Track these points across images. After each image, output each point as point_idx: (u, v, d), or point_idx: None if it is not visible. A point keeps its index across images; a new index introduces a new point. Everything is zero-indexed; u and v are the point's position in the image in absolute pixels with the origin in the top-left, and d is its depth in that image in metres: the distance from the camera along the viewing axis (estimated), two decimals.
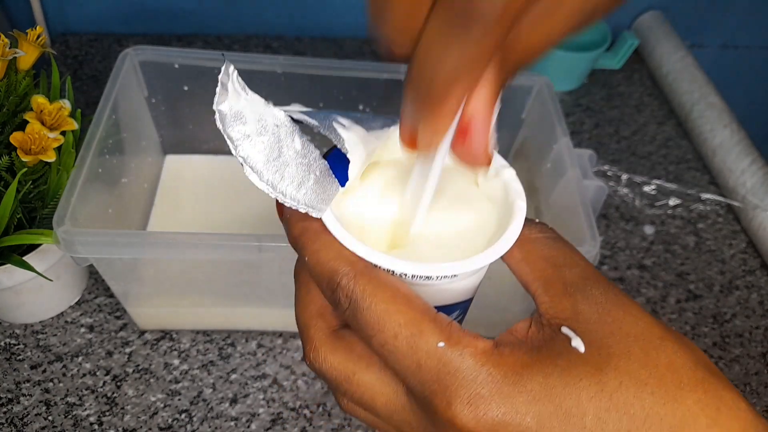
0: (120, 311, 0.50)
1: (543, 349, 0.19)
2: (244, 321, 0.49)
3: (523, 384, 0.18)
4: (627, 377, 0.18)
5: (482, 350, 0.18)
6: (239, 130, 0.19)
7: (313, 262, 0.20)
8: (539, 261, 0.21)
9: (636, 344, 0.19)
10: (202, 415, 0.45)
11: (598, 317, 0.19)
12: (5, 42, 0.43)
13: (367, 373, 0.20)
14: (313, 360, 0.21)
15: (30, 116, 0.41)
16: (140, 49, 0.50)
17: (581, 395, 0.18)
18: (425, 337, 0.18)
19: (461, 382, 0.18)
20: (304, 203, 0.19)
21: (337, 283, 0.19)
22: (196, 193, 0.57)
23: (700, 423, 0.18)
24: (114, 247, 0.39)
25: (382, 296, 0.19)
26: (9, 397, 0.45)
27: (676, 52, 0.78)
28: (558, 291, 0.20)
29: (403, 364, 0.19)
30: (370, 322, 0.19)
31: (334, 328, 0.21)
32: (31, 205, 0.44)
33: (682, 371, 0.19)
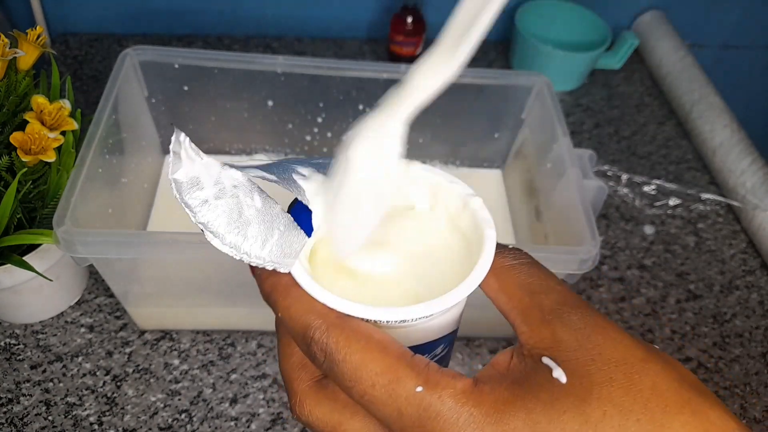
0: (120, 311, 0.50)
1: (524, 382, 0.19)
2: (244, 321, 0.49)
3: (506, 422, 0.18)
4: (611, 406, 0.18)
5: (461, 390, 0.18)
6: (196, 196, 0.19)
7: (286, 318, 0.20)
8: (516, 290, 0.21)
9: (618, 369, 0.19)
10: (202, 415, 0.45)
11: (578, 344, 0.19)
12: (5, 42, 0.43)
13: (352, 421, 0.20)
14: (299, 413, 0.21)
15: (30, 116, 0.41)
16: (140, 49, 0.50)
17: (566, 429, 0.18)
18: (403, 384, 0.18)
19: (443, 425, 0.18)
20: (270, 260, 0.19)
21: (311, 337, 0.19)
22: None
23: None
24: (114, 247, 0.39)
25: (356, 346, 0.19)
26: (9, 397, 0.45)
27: (676, 52, 0.78)
28: (536, 319, 0.20)
29: (384, 413, 0.19)
30: (347, 374, 0.19)
31: (317, 378, 0.21)
32: (31, 205, 0.44)
33: (667, 394, 0.19)
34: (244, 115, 0.57)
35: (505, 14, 0.81)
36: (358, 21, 0.80)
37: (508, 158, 0.61)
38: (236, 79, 0.53)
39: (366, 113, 0.20)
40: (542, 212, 0.52)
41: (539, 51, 0.73)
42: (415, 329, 0.21)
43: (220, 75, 0.52)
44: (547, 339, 0.20)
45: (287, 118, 0.57)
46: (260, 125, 0.58)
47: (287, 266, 0.20)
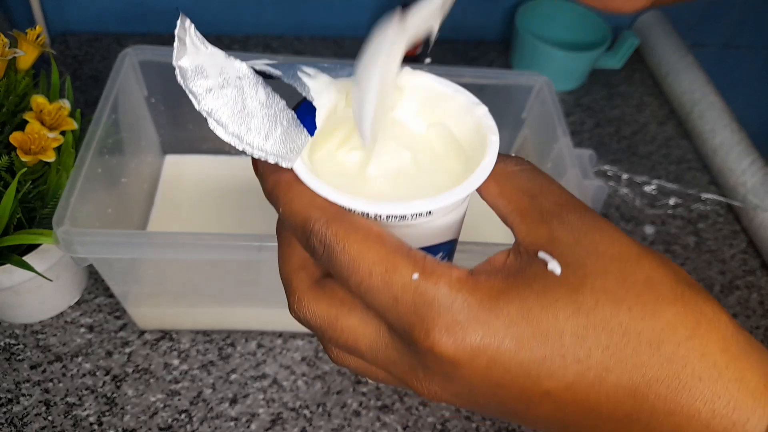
0: (120, 311, 0.50)
1: (519, 274, 0.19)
2: (243, 321, 0.49)
3: (499, 308, 0.18)
4: (603, 295, 0.18)
5: (457, 278, 0.18)
6: (201, 84, 0.19)
7: (286, 212, 0.20)
8: (516, 193, 0.21)
9: (613, 263, 0.19)
10: (202, 416, 0.45)
11: (574, 241, 0.19)
12: (5, 42, 0.43)
13: (349, 317, 0.20)
14: (297, 310, 0.21)
15: (29, 116, 0.41)
16: (140, 48, 0.50)
17: (558, 315, 0.18)
18: (399, 272, 0.18)
19: (438, 311, 0.18)
20: (272, 153, 0.20)
21: (311, 229, 0.19)
22: (195, 193, 0.57)
23: (679, 335, 0.18)
24: (114, 247, 0.38)
25: (355, 237, 0.19)
26: (9, 397, 0.45)
27: (676, 51, 0.78)
28: (535, 219, 0.20)
29: (380, 301, 0.19)
30: (344, 264, 0.19)
31: (317, 278, 0.21)
32: (30, 205, 0.44)
33: (660, 286, 0.19)
34: None
35: (505, 14, 0.81)
36: (358, 20, 0.80)
37: None
38: None
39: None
40: None
41: (539, 51, 0.73)
42: (414, 230, 0.21)
43: None
44: (544, 236, 0.20)
45: None
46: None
47: (290, 161, 0.20)
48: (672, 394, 0.18)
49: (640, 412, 0.18)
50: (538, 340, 0.18)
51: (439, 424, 0.46)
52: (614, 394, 0.18)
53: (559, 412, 0.19)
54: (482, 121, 0.22)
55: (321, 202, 0.20)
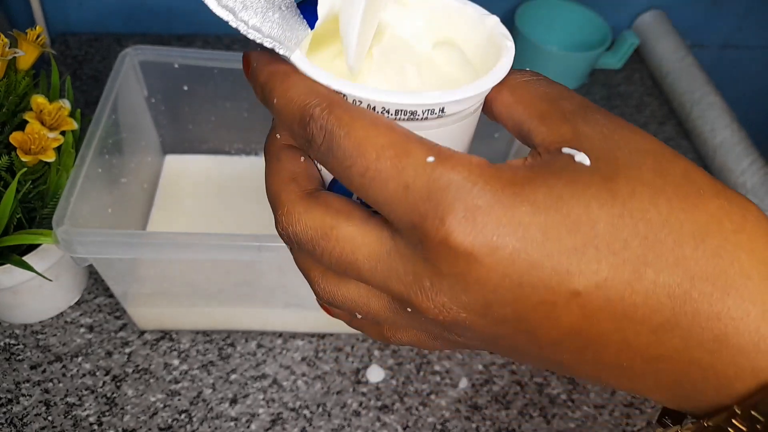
0: (120, 311, 0.50)
1: (544, 166, 0.17)
2: (243, 321, 0.49)
3: (525, 195, 0.16)
4: (640, 185, 0.16)
5: (478, 165, 0.16)
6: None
7: (282, 102, 0.18)
8: (533, 99, 0.19)
9: (647, 156, 0.17)
10: (202, 416, 0.45)
11: (602, 136, 0.17)
12: (5, 42, 0.43)
13: (347, 225, 0.18)
14: (286, 224, 0.19)
15: (30, 116, 0.41)
16: (140, 48, 0.50)
17: (591, 203, 0.16)
18: (412, 155, 0.16)
19: (455, 195, 0.16)
20: (269, 36, 0.18)
21: (310, 115, 0.17)
22: (195, 193, 0.57)
23: (725, 228, 0.16)
24: (114, 247, 0.38)
25: (362, 122, 0.17)
26: (8, 397, 0.45)
27: (676, 51, 0.78)
28: (556, 119, 0.18)
29: (388, 190, 0.16)
30: (348, 149, 0.16)
31: (309, 191, 0.19)
32: (30, 205, 0.44)
33: (700, 181, 0.17)
34: (244, 114, 0.56)
35: (505, 14, 0.81)
36: None
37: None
38: (236, 79, 0.53)
39: None
40: None
41: (539, 51, 0.73)
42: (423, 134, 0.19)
43: (220, 75, 0.52)
44: (568, 133, 0.17)
45: None
46: (260, 125, 0.58)
47: (288, 49, 0.18)
48: (718, 293, 0.16)
49: (680, 316, 0.16)
50: (569, 229, 0.16)
51: (439, 424, 0.46)
52: (653, 293, 0.16)
53: (587, 320, 0.16)
54: (494, 30, 0.20)
55: (322, 89, 0.17)
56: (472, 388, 0.49)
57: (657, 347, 0.16)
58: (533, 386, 0.49)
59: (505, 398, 0.48)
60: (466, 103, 0.18)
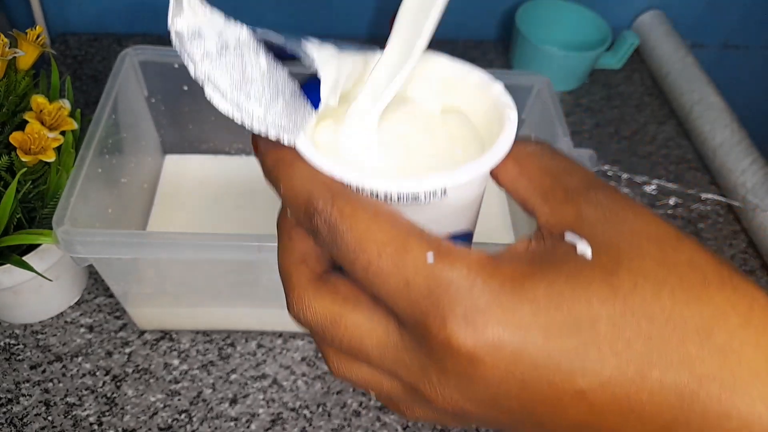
0: (120, 311, 0.50)
1: (545, 258, 0.17)
2: (243, 321, 0.49)
3: (525, 293, 0.16)
4: (642, 278, 0.16)
5: (477, 261, 0.16)
6: (198, 47, 0.18)
7: (287, 192, 0.18)
8: (537, 173, 0.19)
9: (650, 243, 0.17)
10: (202, 416, 0.45)
11: (605, 220, 0.17)
12: (5, 42, 0.43)
13: (354, 313, 0.18)
14: (297, 308, 0.19)
15: (30, 116, 0.41)
16: (140, 48, 0.50)
17: (592, 300, 0.16)
18: (411, 252, 0.16)
19: (455, 295, 0.16)
20: (274, 126, 0.18)
21: (314, 208, 0.17)
22: (195, 193, 0.57)
23: (731, 323, 0.16)
24: (114, 247, 0.38)
25: (363, 216, 0.17)
26: (8, 397, 0.45)
27: (676, 51, 0.78)
28: (559, 198, 0.18)
29: (390, 286, 0.17)
30: (350, 244, 0.17)
31: (319, 273, 0.20)
32: (30, 205, 0.44)
33: (706, 268, 0.16)
34: None
35: (505, 14, 0.81)
36: (358, 20, 0.80)
37: None
38: None
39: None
40: None
41: (539, 51, 0.73)
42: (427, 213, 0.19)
43: None
44: (571, 216, 0.18)
45: None
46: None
47: (292, 135, 0.18)
48: (727, 393, 0.15)
49: (689, 415, 0.16)
50: (570, 329, 0.16)
51: (439, 423, 0.46)
52: (659, 393, 0.16)
53: (594, 416, 0.16)
54: (499, 98, 0.20)
55: (325, 179, 0.18)
56: None
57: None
58: None
59: None
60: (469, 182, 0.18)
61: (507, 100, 0.20)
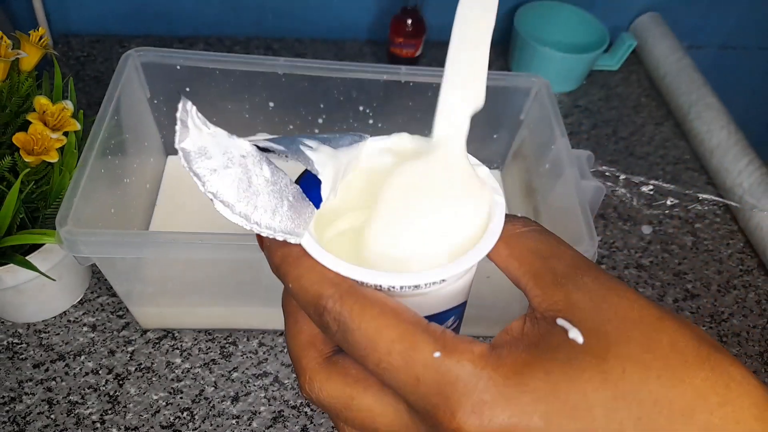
0: (122, 310, 0.51)
1: (541, 344, 0.18)
2: (245, 320, 0.50)
3: (525, 384, 0.18)
4: (630, 363, 0.18)
5: (480, 355, 0.18)
6: (205, 165, 0.19)
7: (296, 289, 0.20)
8: (527, 254, 0.21)
9: (635, 328, 0.18)
10: (204, 413, 0.46)
11: (592, 305, 0.19)
12: (8, 43, 0.43)
13: (365, 396, 0.20)
14: (309, 391, 0.21)
15: (33, 117, 0.42)
16: (142, 50, 0.50)
17: (586, 388, 0.17)
18: (420, 350, 0.18)
19: (463, 390, 0.17)
20: (280, 231, 0.19)
21: (324, 307, 0.19)
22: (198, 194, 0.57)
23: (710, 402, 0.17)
24: (116, 247, 0.39)
25: (371, 314, 0.18)
26: (12, 395, 0.45)
27: (673, 53, 0.78)
28: (549, 283, 0.20)
29: (400, 381, 0.18)
30: (361, 343, 0.18)
31: (327, 355, 0.21)
32: (33, 205, 0.44)
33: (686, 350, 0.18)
34: (245, 116, 0.57)
35: (504, 16, 0.81)
36: (358, 23, 0.80)
37: (506, 159, 0.61)
38: (237, 81, 0.53)
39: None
40: (541, 212, 0.52)
41: (538, 52, 0.74)
42: (427, 298, 0.21)
43: (221, 76, 0.53)
44: (561, 301, 0.19)
45: (288, 119, 0.58)
46: (261, 126, 0.58)
47: (298, 236, 0.20)
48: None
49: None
50: (568, 416, 0.17)
51: None
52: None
53: None
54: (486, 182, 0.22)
55: (332, 276, 0.19)
56: None
57: None
58: None
59: None
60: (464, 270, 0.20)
61: (493, 184, 0.22)
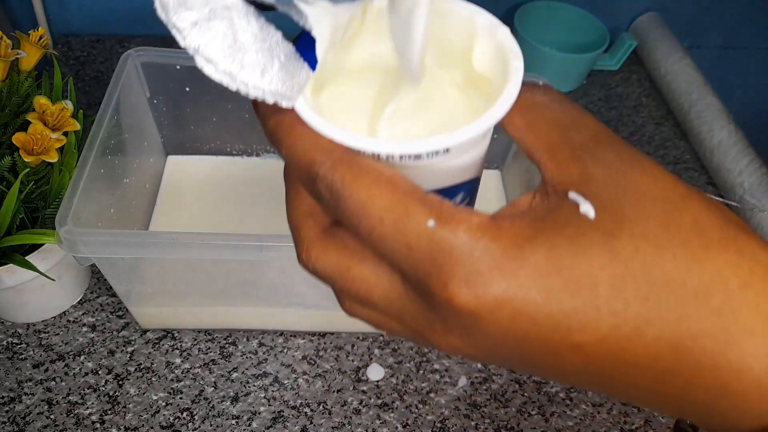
0: (122, 310, 0.51)
1: (548, 218, 0.17)
2: (245, 320, 0.50)
3: (525, 257, 0.16)
4: (644, 242, 0.16)
5: (477, 225, 0.17)
6: (185, 17, 0.17)
7: (289, 156, 0.18)
8: (544, 126, 0.19)
9: (655, 205, 0.17)
10: (204, 414, 0.46)
11: (610, 179, 0.17)
12: (8, 43, 0.43)
13: (361, 267, 0.19)
14: (306, 260, 0.20)
15: (32, 117, 0.42)
16: (142, 50, 0.50)
17: (593, 264, 0.16)
18: (413, 218, 0.17)
19: (456, 260, 0.16)
20: (270, 92, 0.18)
21: (316, 174, 0.18)
22: (197, 194, 0.58)
23: (731, 285, 0.16)
24: (116, 247, 0.39)
25: (364, 182, 0.17)
26: (11, 396, 0.45)
27: (673, 53, 0.78)
28: (565, 156, 0.18)
29: (393, 249, 0.17)
30: (353, 211, 0.17)
31: (326, 226, 0.20)
32: (33, 205, 0.44)
33: (710, 231, 0.17)
34: (245, 116, 0.57)
35: (503, 16, 0.81)
36: None
37: (506, 159, 0.61)
38: None
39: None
40: None
41: (537, 52, 0.74)
42: (431, 170, 0.19)
43: None
44: (576, 174, 0.18)
45: None
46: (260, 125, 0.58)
47: (290, 100, 0.18)
48: (720, 348, 0.16)
49: (682, 366, 0.16)
50: (570, 292, 0.16)
51: (439, 422, 0.47)
52: (654, 347, 0.16)
53: (591, 365, 0.17)
54: (504, 44, 0.19)
55: (326, 143, 0.18)
56: (471, 386, 0.49)
57: (661, 388, 0.17)
58: (532, 385, 0.49)
59: (504, 396, 0.49)
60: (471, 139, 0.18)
61: (512, 47, 0.19)
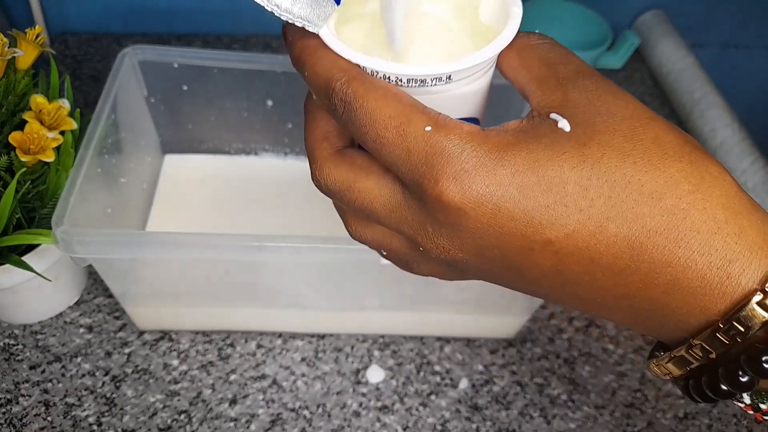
0: (119, 311, 0.50)
1: (529, 131, 0.20)
2: (243, 321, 0.49)
3: (507, 159, 0.19)
4: (610, 149, 0.19)
5: (468, 131, 0.19)
6: None
7: (311, 75, 0.21)
8: (536, 63, 0.22)
9: (623, 122, 0.19)
10: (202, 416, 0.45)
11: (587, 102, 0.20)
12: (4, 41, 0.43)
13: (366, 179, 0.21)
14: (318, 176, 0.22)
15: (29, 116, 0.41)
16: (139, 48, 0.50)
17: (564, 166, 0.19)
18: (413, 125, 0.19)
19: (447, 159, 0.19)
20: (299, 17, 0.20)
21: (332, 88, 0.20)
22: (195, 193, 0.57)
23: (682, 188, 0.18)
24: (113, 247, 0.38)
25: (374, 95, 0.20)
26: (8, 397, 0.45)
27: (677, 51, 0.78)
28: (551, 85, 0.21)
29: (394, 154, 0.20)
30: (362, 119, 0.20)
31: (338, 148, 0.23)
32: (29, 205, 0.44)
33: (668, 145, 0.19)
34: (243, 114, 0.56)
35: None
36: None
37: None
38: (236, 79, 0.53)
39: None
40: None
41: None
42: (434, 98, 0.21)
43: (219, 74, 0.52)
44: (558, 99, 0.20)
45: (287, 118, 0.57)
46: (260, 125, 0.58)
47: (316, 26, 0.21)
48: (670, 245, 0.18)
49: (638, 263, 0.19)
50: (542, 189, 0.18)
51: (439, 424, 0.46)
52: (613, 243, 0.19)
53: (560, 263, 0.19)
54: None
55: (343, 63, 0.20)
56: (473, 388, 0.48)
57: (621, 287, 0.20)
58: (533, 387, 0.49)
59: (506, 399, 0.48)
60: (472, 69, 0.21)
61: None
